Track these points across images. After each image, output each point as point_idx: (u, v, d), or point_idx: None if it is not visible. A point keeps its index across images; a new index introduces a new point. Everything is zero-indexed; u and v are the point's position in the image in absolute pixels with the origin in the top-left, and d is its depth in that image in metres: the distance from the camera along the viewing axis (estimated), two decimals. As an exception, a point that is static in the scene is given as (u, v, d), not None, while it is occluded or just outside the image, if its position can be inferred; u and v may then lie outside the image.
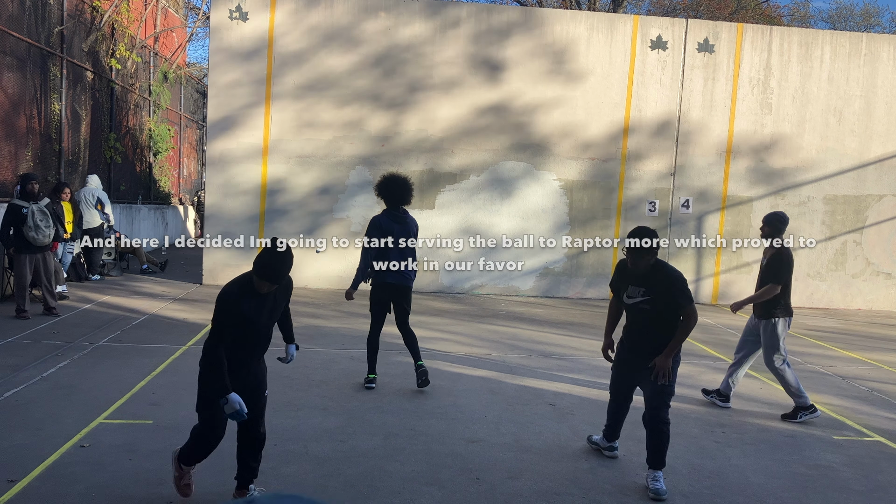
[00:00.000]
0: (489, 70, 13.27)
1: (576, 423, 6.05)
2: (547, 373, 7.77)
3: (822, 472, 5.27)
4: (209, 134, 12.95)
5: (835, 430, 6.23)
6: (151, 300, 10.98)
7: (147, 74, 19.30)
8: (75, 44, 14.43)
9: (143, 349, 7.82)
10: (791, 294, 6.49)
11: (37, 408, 5.70)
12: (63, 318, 9.21)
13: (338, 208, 13.17)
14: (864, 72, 13.99)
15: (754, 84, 13.79)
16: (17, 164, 12.28)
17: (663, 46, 13.58)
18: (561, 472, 4.97)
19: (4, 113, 11.84)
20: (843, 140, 14.02)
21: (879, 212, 14.20)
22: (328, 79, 13.00)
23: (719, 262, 13.94)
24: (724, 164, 13.82)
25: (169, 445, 5.04)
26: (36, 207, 9.09)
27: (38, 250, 9.19)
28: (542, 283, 13.71)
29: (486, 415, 6.14)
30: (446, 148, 13.31)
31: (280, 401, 6.20)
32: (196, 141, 26.45)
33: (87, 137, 15.12)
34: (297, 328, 9.39)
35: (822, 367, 8.79)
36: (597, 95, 13.49)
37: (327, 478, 4.66)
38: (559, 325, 10.75)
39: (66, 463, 4.67)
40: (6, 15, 11.66)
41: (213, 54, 12.83)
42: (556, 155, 13.50)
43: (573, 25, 13.40)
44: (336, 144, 13.09)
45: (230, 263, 13.00)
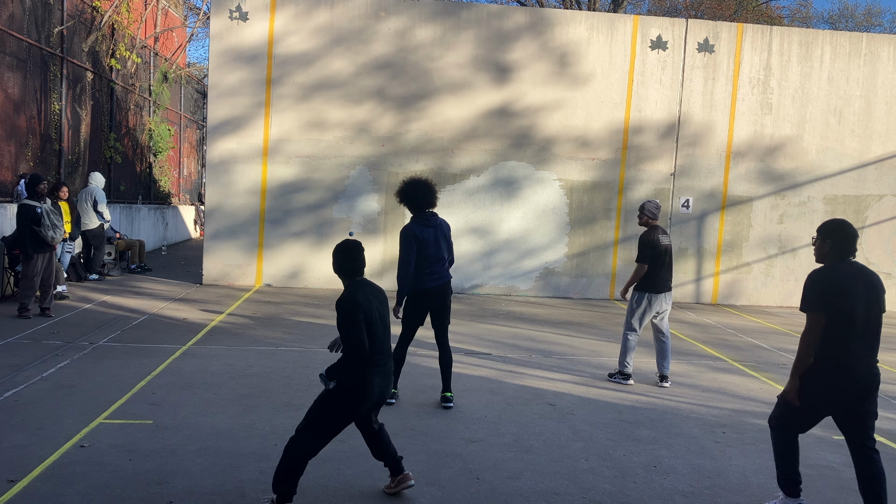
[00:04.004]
0: (490, 71, 13.26)
1: (576, 423, 6.05)
2: (547, 373, 7.77)
3: (822, 472, 5.27)
4: (209, 134, 12.95)
5: (835, 430, 6.22)
6: (151, 300, 10.98)
7: (147, 74, 19.31)
8: (75, 44, 14.44)
9: (143, 349, 7.82)
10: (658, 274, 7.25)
11: (37, 408, 5.70)
12: (63, 318, 9.21)
13: (338, 209, 13.17)
14: (865, 72, 13.99)
15: (754, 84, 13.79)
16: (18, 164, 12.28)
17: (663, 46, 13.58)
18: (561, 472, 4.97)
19: (5, 113, 11.84)
20: (843, 140, 14.02)
21: (879, 212, 14.20)
22: (329, 79, 13.01)
23: (719, 262, 13.94)
24: (724, 165, 13.83)
25: (169, 445, 5.04)
26: (47, 207, 9.24)
27: (48, 249, 9.31)
28: (543, 283, 13.71)
29: (486, 415, 6.14)
30: (448, 149, 13.31)
31: (280, 401, 6.20)
32: (196, 141, 26.46)
33: (87, 137, 15.12)
34: (296, 328, 9.42)
35: (823, 368, 8.78)
36: (597, 96, 13.50)
37: (327, 478, 4.66)
38: (559, 324, 10.76)
39: (66, 463, 4.67)
40: (6, 15, 11.67)
41: (213, 54, 12.84)
42: (557, 155, 13.50)
43: (573, 26, 13.40)
44: (337, 145, 13.10)
45: (230, 263, 13.01)
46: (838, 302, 4.20)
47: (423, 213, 6.33)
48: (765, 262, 14.04)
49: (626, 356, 7.44)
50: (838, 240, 4.33)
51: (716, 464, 5.30)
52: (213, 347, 8.06)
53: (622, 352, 7.47)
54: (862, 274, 4.30)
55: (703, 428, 6.11)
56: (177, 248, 20.03)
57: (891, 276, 14.30)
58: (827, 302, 4.22)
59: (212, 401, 6.10)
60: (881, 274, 14.24)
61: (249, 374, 7.00)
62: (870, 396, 4.23)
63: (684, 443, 5.70)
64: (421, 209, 6.32)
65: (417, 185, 6.31)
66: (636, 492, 4.72)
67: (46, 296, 9.39)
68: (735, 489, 4.86)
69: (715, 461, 5.35)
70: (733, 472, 5.15)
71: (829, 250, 4.36)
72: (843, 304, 4.19)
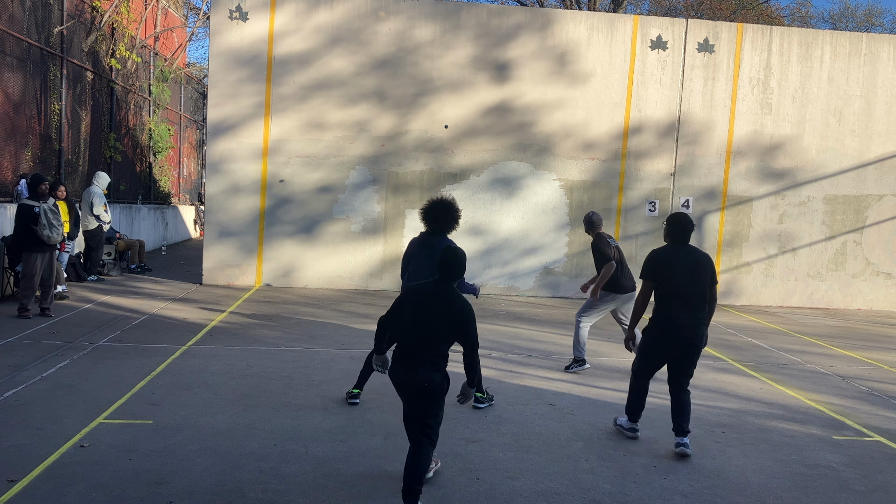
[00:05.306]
0: (492, 71, 13.26)
1: (576, 423, 6.05)
2: (547, 373, 7.78)
3: (822, 472, 5.27)
4: (209, 134, 12.95)
5: (835, 430, 6.23)
6: (151, 300, 10.98)
7: (147, 74, 19.31)
8: (75, 44, 14.44)
9: (143, 349, 7.82)
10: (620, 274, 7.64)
11: (37, 408, 5.70)
12: (63, 318, 9.21)
13: (338, 209, 13.17)
14: (864, 72, 13.99)
15: (754, 84, 13.79)
16: (18, 164, 12.28)
17: (663, 46, 13.58)
18: (561, 472, 4.97)
19: (5, 113, 11.84)
20: (843, 140, 14.02)
21: (879, 212, 14.20)
22: (329, 79, 13.00)
23: (719, 261, 13.94)
24: (724, 164, 13.83)
25: (169, 445, 5.04)
26: (47, 206, 9.22)
27: (48, 249, 9.30)
28: (543, 283, 13.71)
29: (486, 415, 6.14)
30: (447, 148, 13.31)
31: (280, 401, 6.21)
32: (196, 141, 26.47)
33: (87, 137, 15.12)
34: (296, 328, 9.42)
35: (822, 367, 8.79)
36: (597, 95, 13.50)
37: (327, 478, 4.66)
38: (559, 324, 10.75)
39: (66, 463, 4.67)
40: (6, 15, 11.67)
41: (212, 54, 12.83)
42: (557, 155, 13.50)
43: (573, 25, 13.40)
44: (337, 144, 13.09)
45: (230, 263, 13.01)
46: (666, 273, 5.37)
47: (427, 231, 6.04)
48: (765, 261, 14.04)
49: (580, 342, 7.85)
50: (670, 227, 5.57)
51: (716, 464, 5.30)
52: (213, 347, 8.06)
53: (577, 338, 7.87)
54: (691, 255, 5.46)
55: (703, 428, 6.11)
56: (177, 248, 20.03)
57: (891, 276, 14.30)
58: (657, 273, 5.41)
59: (212, 401, 6.10)
60: (881, 274, 14.25)
61: (249, 374, 7.00)
62: (693, 350, 5.38)
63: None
64: (427, 227, 6.05)
65: (435, 205, 5.96)
66: (636, 492, 4.72)
67: (46, 296, 9.39)
68: (735, 489, 4.86)
69: (715, 461, 5.35)
70: (733, 472, 5.15)
71: (666, 235, 5.65)
72: (671, 276, 5.36)
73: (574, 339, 7.85)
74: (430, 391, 4.25)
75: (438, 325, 4.25)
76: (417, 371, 4.24)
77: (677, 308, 5.33)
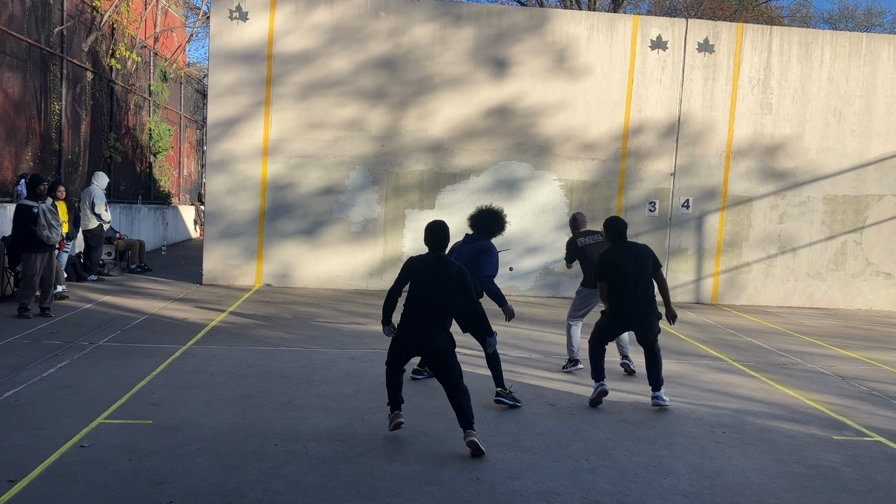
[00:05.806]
0: (492, 72, 13.26)
1: (576, 423, 6.05)
2: (547, 373, 7.78)
3: (822, 472, 5.27)
4: (209, 134, 12.95)
5: (835, 430, 6.23)
6: (151, 300, 10.98)
7: (147, 74, 19.31)
8: (75, 44, 14.44)
9: (143, 349, 7.82)
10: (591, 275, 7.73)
11: (37, 408, 5.70)
12: (63, 318, 9.21)
13: (338, 208, 13.17)
14: (864, 72, 13.99)
15: (754, 84, 13.79)
16: (18, 164, 12.28)
17: (663, 46, 13.58)
18: (561, 472, 4.97)
19: (5, 113, 11.84)
20: (843, 140, 14.02)
21: (879, 212, 14.20)
22: (329, 78, 13.00)
23: (719, 261, 13.94)
24: (724, 165, 13.83)
25: (169, 445, 5.04)
26: (45, 207, 9.22)
27: (47, 249, 9.29)
28: (543, 283, 13.71)
29: (486, 415, 6.14)
30: (448, 148, 13.31)
31: (280, 401, 6.21)
32: (196, 141, 26.47)
33: (87, 137, 15.12)
34: (296, 328, 9.42)
35: (822, 367, 8.79)
36: (597, 96, 13.50)
37: (327, 478, 4.66)
38: (559, 324, 10.75)
39: (66, 463, 4.67)
40: (6, 15, 11.67)
41: (212, 54, 12.83)
42: (557, 155, 13.50)
43: (573, 25, 13.40)
44: (337, 144, 13.09)
45: (230, 263, 13.01)
46: (612, 271, 6.50)
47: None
48: (765, 261, 14.04)
49: (572, 344, 7.98)
50: (609, 230, 6.64)
51: (716, 464, 5.30)
52: (213, 347, 8.06)
53: (570, 341, 7.99)
54: (632, 250, 6.58)
55: (703, 428, 6.11)
56: (177, 248, 20.03)
57: (891, 276, 14.31)
58: (606, 273, 6.54)
59: (212, 401, 6.10)
60: (881, 274, 14.25)
61: (249, 374, 7.00)
62: (643, 322, 6.52)
63: (684, 443, 5.70)
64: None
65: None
66: (636, 492, 4.72)
67: (46, 296, 9.40)
68: (735, 489, 4.86)
69: (715, 461, 5.35)
70: (733, 472, 5.15)
71: (607, 237, 6.74)
72: (616, 272, 6.48)
73: (567, 340, 7.97)
74: (441, 351, 5.18)
75: (445, 286, 5.15)
76: (431, 334, 5.14)
77: (627, 293, 6.47)
